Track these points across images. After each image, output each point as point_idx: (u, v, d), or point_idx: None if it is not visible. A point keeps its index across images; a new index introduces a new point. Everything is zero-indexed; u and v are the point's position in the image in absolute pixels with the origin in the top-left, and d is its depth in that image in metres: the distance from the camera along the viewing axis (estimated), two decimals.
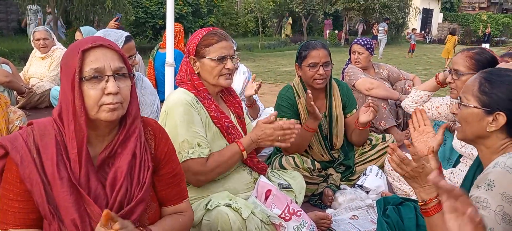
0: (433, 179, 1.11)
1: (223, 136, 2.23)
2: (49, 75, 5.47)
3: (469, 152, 2.44)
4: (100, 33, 2.82)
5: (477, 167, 1.64)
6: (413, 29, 22.05)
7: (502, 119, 1.48)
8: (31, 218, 1.37)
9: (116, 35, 2.73)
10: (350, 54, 4.38)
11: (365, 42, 4.33)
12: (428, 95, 2.84)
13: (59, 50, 5.57)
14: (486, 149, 1.56)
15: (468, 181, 1.64)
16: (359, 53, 4.27)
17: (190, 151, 2.06)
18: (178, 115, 2.09)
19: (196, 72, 2.21)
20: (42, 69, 5.51)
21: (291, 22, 23.10)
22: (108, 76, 1.35)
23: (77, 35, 4.62)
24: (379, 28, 19.13)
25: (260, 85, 3.40)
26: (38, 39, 5.41)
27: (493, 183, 1.38)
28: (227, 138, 2.23)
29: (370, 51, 4.29)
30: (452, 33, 18.55)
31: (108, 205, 1.39)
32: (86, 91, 1.34)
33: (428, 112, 2.81)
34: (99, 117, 1.36)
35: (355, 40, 4.36)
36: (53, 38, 5.63)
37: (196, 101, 2.17)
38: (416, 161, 1.61)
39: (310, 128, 2.79)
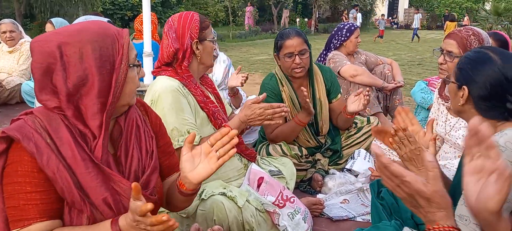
0: (473, 121, 1.02)
1: (210, 121, 2.21)
2: (18, 69, 5.24)
3: (454, 140, 2.44)
4: (80, 19, 2.72)
5: None
6: (382, 15, 22.42)
7: (465, 92, 1.51)
8: (55, 208, 1.29)
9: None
10: (338, 39, 4.28)
11: None
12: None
13: (27, 43, 5.34)
14: None
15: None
16: (358, 37, 4.28)
17: (181, 139, 2.02)
18: (167, 103, 2.04)
19: (198, 56, 2.18)
20: (10, 64, 5.28)
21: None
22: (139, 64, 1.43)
23: (48, 27, 4.44)
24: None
25: (246, 78, 3.32)
26: (4, 32, 5.19)
27: None
28: (214, 122, 2.22)
29: None
30: (452, 19, 18.35)
31: (126, 178, 1.38)
32: (132, 78, 1.37)
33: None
34: (131, 102, 1.41)
35: (357, 25, 4.33)
36: (21, 31, 5.40)
37: (183, 87, 2.13)
38: (413, 144, 1.62)
39: (302, 122, 2.78)
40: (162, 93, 2.06)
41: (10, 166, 1.26)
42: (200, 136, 2.09)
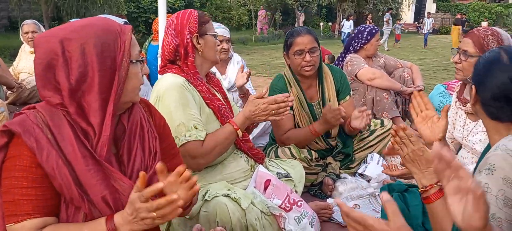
0: (435, 148, 1.04)
1: (216, 117, 2.18)
2: None
3: (471, 146, 2.35)
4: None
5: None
6: (398, 20, 22.30)
7: (472, 92, 1.46)
8: (50, 205, 1.28)
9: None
10: (358, 42, 4.20)
11: None
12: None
13: None
14: (488, 131, 1.51)
15: None
16: (378, 41, 4.21)
17: (187, 134, 1.99)
18: (172, 99, 2.02)
19: (199, 51, 2.15)
20: (32, 64, 5.30)
21: None
22: (142, 60, 1.42)
23: None
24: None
25: (249, 74, 3.30)
26: (27, 33, 5.27)
27: (493, 167, 1.30)
28: (221, 119, 2.18)
29: None
30: (455, 23, 18.42)
31: (128, 178, 1.37)
32: (135, 74, 1.37)
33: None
34: (134, 99, 1.41)
35: (377, 29, 4.27)
36: (43, 32, 5.50)
37: (188, 83, 2.11)
38: (415, 143, 1.57)
39: (318, 133, 2.74)
40: (168, 90, 2.04)
41: (9, 160, 1.25)
42: (206, 132, 2.07)
